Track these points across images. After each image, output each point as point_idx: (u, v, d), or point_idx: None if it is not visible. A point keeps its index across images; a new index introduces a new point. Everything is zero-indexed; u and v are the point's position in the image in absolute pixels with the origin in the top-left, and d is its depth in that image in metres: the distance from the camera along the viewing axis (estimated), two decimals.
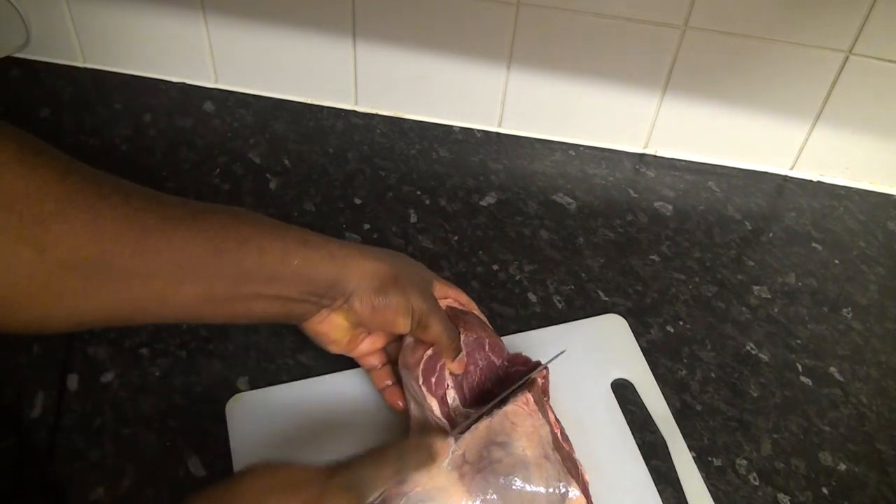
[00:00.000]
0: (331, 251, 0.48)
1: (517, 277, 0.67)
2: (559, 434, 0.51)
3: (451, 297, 0.56)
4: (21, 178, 0.38)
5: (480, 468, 0.46)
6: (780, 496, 0.55)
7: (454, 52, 0.75)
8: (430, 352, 0.52)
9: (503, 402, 0.49)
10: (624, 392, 0.59)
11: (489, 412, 0.49)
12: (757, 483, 0.55)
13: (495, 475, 0.46)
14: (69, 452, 0.53)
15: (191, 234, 0.43)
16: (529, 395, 0.49)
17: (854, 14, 0.66)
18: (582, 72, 0.75)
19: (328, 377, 0.58)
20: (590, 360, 0.61)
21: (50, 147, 0.41)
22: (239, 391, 0.57)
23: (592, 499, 0.49)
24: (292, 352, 0.60)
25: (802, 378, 0.63)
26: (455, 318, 0.55)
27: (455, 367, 0.52)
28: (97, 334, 0.60)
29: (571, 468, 0.49)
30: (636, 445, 0.56)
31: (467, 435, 0.47)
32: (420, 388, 0.51)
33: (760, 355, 0.64)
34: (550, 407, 0.52)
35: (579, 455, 0.51)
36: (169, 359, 0.59)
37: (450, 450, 0.46)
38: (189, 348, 0.60)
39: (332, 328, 0.51)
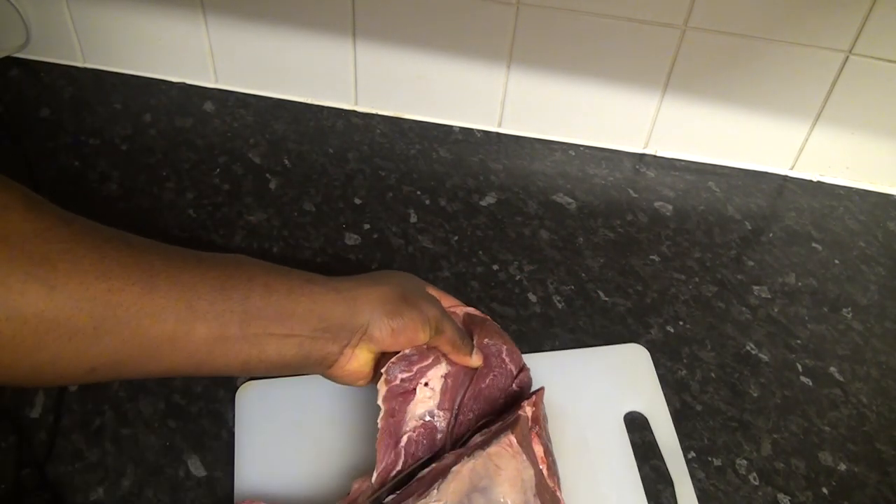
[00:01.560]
0: (335, 287, 0.49)
1: (517, 277, 0.67)
2: (545, 471, 0.50)
3: (442, 300, 0.56)
4: (28, 220, 0.39)
5: None
6: (780, 496, 0.55)
7: (454, 52, 0.75)
8: (408, 350, 0.51)
9: (486, 444, 0.48)
10: (636, 425, 0.58)
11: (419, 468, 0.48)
12: (757, 483, 0.55)
13: None
14: (69, 452, 0.53)
15: (198, 273, 0.44)
16: (513, 437, 0.48)
17: (854, 14, 0.66)
18: (582, 72, 0.75)
19: None
20: (606, 389, 0.60)
21: (48, 201, 0.41)
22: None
23: None
24: None
25: (802, 378, 0.63)
26: (473, 324, 0.55)
27: (475, 360, 0.53)
28: None
29: None
30: (640, 480, 0.54)
31: (450, 480, 0.46)
32: (381, 373, 0.51)
33: (760, 355, 0.64)
34: (540, 435, 0.51)
35: (580, 483, 0.51)
36: None
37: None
38: None
39: (360, 364, 0.51)
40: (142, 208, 0.70)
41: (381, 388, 0.50)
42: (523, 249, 0.70)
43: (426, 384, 0.52)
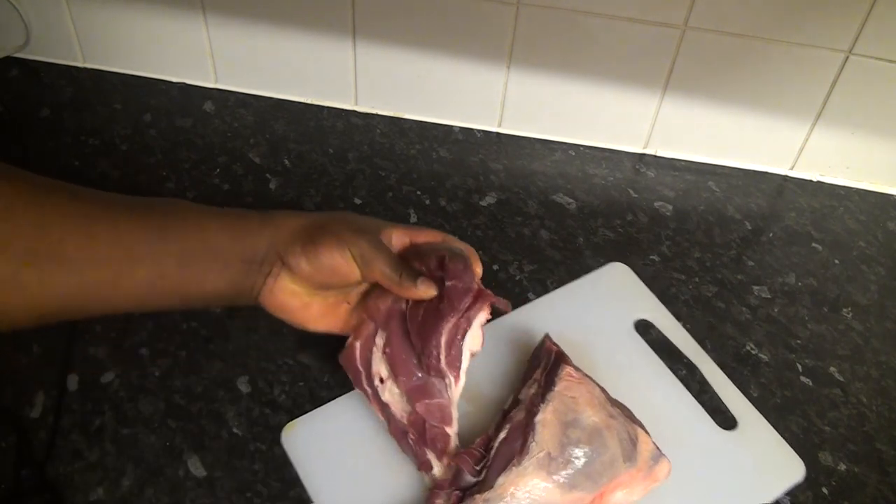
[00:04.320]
0: (263, 218, 0.50)
1: (517, 277, 0.67)
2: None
3: (417, 239, 0.54)
4: None
5: (566, 458, 0.47)
6: (781, 496, 0.55)
7: (454, 52, 0.75)
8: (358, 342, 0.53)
9: (550, 385, 0.49)
10: (647, 331, 0.63)
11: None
12: None
13: (579, 458, 0.47)
14: (69, 452, 0.53)
15: (136, 220, 0.45)
16: (570, 368, 0.50)
17: (854, 14, 0.66)
18: (582, 72, 0.75)
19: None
20: (607, 308, 0.64)
21: None
22: (239, 391, 0.57)
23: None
24: (292, 352, 0.60)
25: (802, 378, 0.62)
26: (415, 251, 0.53)
27: (421, 290, 0.50)
28: (97, 334, 0.60)
29: (630, 415, 0.51)
30: (672, 373, 0.60)
31: (541, 430, 0.47)
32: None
33: (760, 355, 0.64)
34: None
35: (624, 396, 0.52)
36: (169, 359, 0.59)
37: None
38: (189, 348, 0.60)
39: (287, 296, 0.51)
40: None
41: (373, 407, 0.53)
42: (523, 249, 0.70)
43: (381, 381, 0.52)
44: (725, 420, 0.58)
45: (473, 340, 0.50)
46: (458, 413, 0.51)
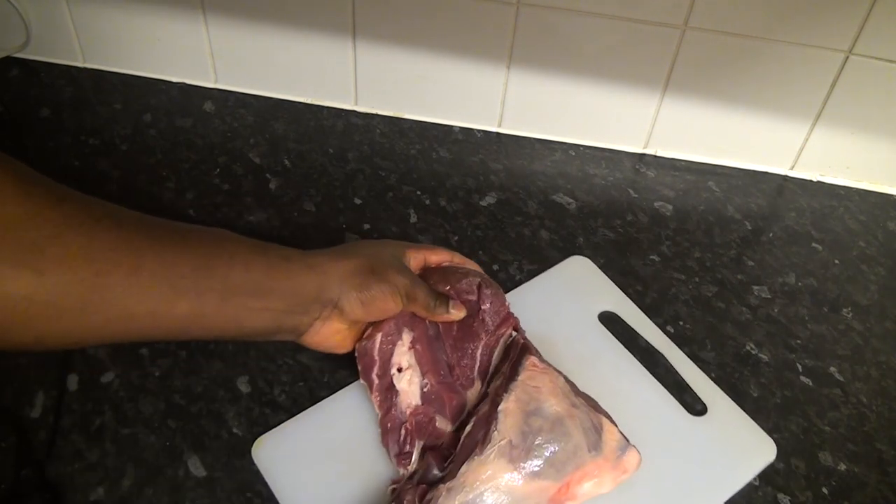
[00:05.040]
0: (309, 263, 0.51)
1: (517, 277, 0.67)
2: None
3: (430, 259, 0.58)
4: (19, 204, 0.39)
5: (527, 447, 0.47)
6: (780, 496, 0.55)
7: (454, 52, 0.75)
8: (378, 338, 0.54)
9: (514, 376, 0.50)
10: (612, 322, 0.63)
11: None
12: (757, 483, 0.55)
13: (541, 446, 0.47)
14: (69, 452, 0.53)
15: (181, 251, 0.45)
16: (533, 357, 0.51)
17: (854, 14, 0.66)
18: (582, 72, 0.75)
19: (339, 395, 0.57)
20: (571, 301, 0.64)
21: (43, 176, 0.42)
22: (239, 391, 0.57)
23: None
24: (292, 352, 0.60)
25: (802, 378, 0.63)
26: (441, 274, 0.57)
27: (455, 314, 0.55)
28: None
29: (595, 405, 0.52)
30: (639, 363, 0.60)
31: (503, 419, 0.48)
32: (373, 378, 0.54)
33: (760, 355, 0.64)
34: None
35: (592, 388, 0.53)
36: (169, 359, 0.59)
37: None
38: (189, 348, 0.60)
39: (331, 334, 0.53)
40: (142, 208, 0.70)
41: (367, 393, 0.54)
42: (523, 249, 0.70)
43: (399, 370, 0.54)
44: (695, 406, 0.58)
45: (497, 355, 0.55)
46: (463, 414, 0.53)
